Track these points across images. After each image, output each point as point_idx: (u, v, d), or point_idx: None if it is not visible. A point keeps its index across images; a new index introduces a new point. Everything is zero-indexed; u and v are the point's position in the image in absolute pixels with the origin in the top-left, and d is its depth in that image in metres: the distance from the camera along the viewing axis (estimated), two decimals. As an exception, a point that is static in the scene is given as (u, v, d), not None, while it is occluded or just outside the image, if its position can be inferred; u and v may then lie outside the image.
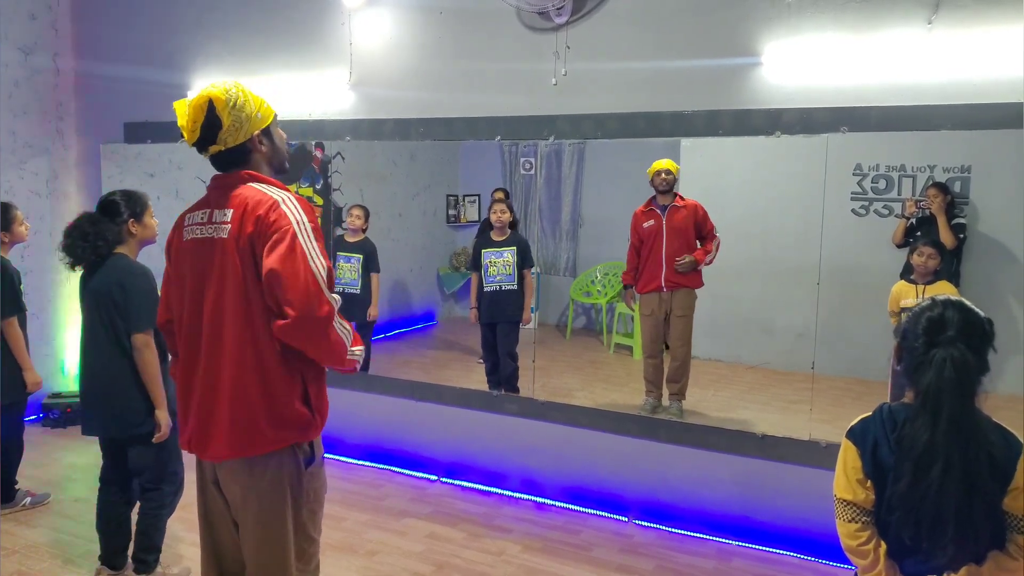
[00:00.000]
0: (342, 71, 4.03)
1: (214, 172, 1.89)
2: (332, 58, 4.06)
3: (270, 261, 1.68)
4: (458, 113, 3.76)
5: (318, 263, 1.72)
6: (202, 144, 1.80)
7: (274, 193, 1.77)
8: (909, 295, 3.31)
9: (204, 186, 1.92)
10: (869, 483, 1.59)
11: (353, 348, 1.83)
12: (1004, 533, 1.53)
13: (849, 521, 1.61)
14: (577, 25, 3.46)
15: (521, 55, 3.59)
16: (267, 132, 1.85)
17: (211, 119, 1.74)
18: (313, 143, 4.46)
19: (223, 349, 1.76)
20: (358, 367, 1.88)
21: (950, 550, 1.48)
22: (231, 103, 1.75)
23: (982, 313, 1.54)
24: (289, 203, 1.75)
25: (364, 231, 4.65)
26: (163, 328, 2.00)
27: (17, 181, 4.68)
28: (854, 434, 1.62)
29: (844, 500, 1.62)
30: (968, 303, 1.56)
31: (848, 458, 1.62)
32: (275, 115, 1.88)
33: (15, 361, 3.32)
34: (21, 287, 3.44)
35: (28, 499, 3.52)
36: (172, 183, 4.68)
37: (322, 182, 4.62)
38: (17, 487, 3.55)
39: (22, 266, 4.72)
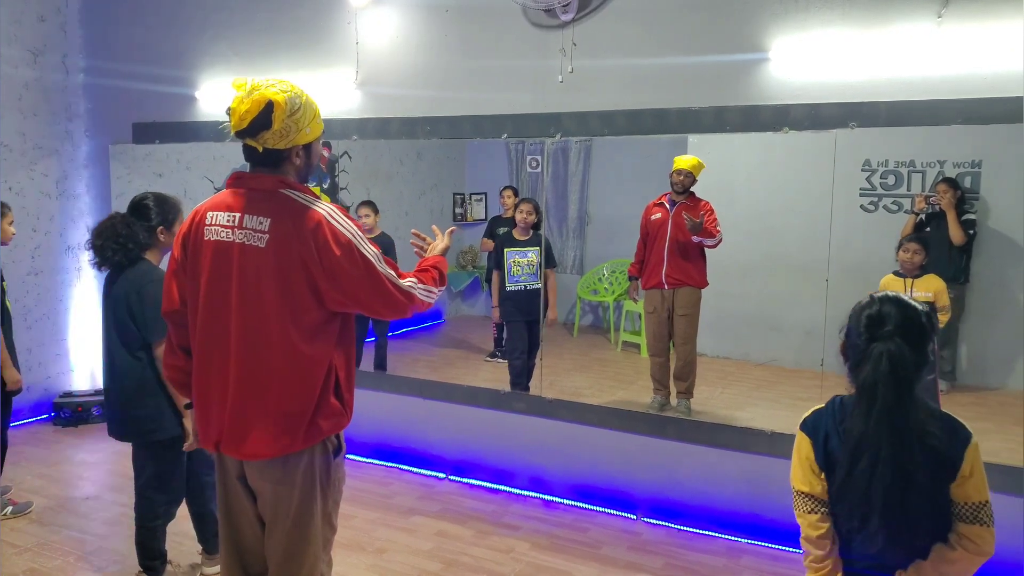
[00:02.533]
0: (348, 70, 4.04)
1: (229, 169, 1.88)
2: (338, 57, 4.07)
3: (349, 286, 1.76)
4: (464, 111, 3.75)
5: (384, 267, 1.81)
6: (241, 136, 1.78)
7: (317, 207, 1.79)
8: (897, 288, 3.33)
9: (212, 187, 1.93)
10: (823, 474, 1.62)
11: (429, 288, 1.92)
12: (949, 525, 1.56)
13: (809, 512, 1.65)
14: (583, 22, 3.46)
15: (527, 53, 3.58)
16: (308, 147, 1.86)
17: (263, 119, 1.72)
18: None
19: (265, 352, 1.78)
20: (428, 293, 1.93)
21: (879, 540, 1.52)
22: (289, 110, 1.74)
23: (920, 307, 1.57)
24: (336, 217, 1.79)
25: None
26: (168, 317, 1.97)
27: (27, 182, 4.72)
28: (806, 426, 1.66)
29: (802, 492, 1.65)
30: (907, 298, 1.59)
31: (802, 449, 1.65)
32: (322, 132, 1.89)
33: None
34: (4, 284, 3.32)
35: (10, 507, 3.44)
36: (180, 183, 4.69)
37: (329, 181, 4.63)
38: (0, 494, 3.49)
39: (32, 267, 4.78)
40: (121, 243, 2.58)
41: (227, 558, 1.98)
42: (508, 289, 4.25)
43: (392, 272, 1.84)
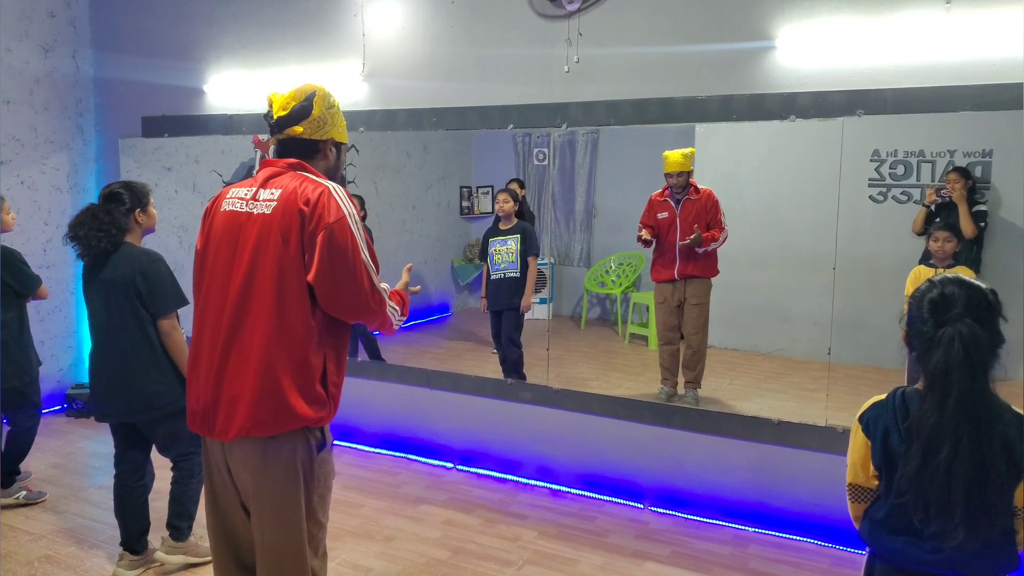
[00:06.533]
0: (355, 62, 4.05)
1: (238, 163, 1.92)
2: (345, 49, 4.08)
3: (324, 257, 1.76)
4: (471, 102, 3.76)
5: (367, 257, 1.83)
6: (281, 125, 1.88)
7: (324, 182, 1.85)
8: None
9: (221, 180, 1.98)
10: (876, 474, 1.60)
11: (395, 307, 1.96)
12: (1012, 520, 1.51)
13: (861, 502, 1.65)
14: (589, 12, 3.45)
15: (533, 43, 3.58)
16: (338, 147, 1.99)
17: (306, 105, 1.87)
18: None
19: (255, 324, 1.77)
20: (396, 323, 1.99)
21: (960, 533, 1.45)
22: (327, 102, 1.91)
23: (984, 284, 1.52)
24: (339, 193, 1.83)
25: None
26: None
27: (39, 176, 4.76)
28: (865, 424, 1.61)
29: (857, 486, 1.64)
30: (966, 277, 1.54)
31: (859, 449, 1.62)
32: (347, 142, 2.04)
33: (14, 345, 3.36)
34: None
35: (23, 492, 3.49)
36: (189, 176, 4.73)
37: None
38: (19, 478, 3.55)
39: (44, 260, 4.83)
40: (105, 230, 2.66)
41: (218, 549, 1.95)
42: (491, 278, 4.36)
43: (373, 266, 1.84)
